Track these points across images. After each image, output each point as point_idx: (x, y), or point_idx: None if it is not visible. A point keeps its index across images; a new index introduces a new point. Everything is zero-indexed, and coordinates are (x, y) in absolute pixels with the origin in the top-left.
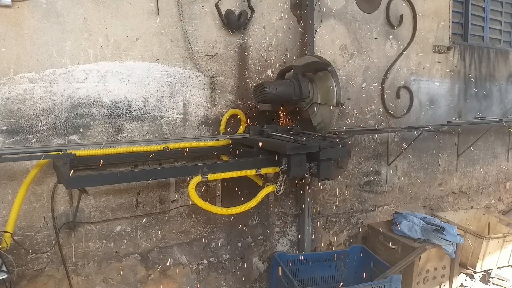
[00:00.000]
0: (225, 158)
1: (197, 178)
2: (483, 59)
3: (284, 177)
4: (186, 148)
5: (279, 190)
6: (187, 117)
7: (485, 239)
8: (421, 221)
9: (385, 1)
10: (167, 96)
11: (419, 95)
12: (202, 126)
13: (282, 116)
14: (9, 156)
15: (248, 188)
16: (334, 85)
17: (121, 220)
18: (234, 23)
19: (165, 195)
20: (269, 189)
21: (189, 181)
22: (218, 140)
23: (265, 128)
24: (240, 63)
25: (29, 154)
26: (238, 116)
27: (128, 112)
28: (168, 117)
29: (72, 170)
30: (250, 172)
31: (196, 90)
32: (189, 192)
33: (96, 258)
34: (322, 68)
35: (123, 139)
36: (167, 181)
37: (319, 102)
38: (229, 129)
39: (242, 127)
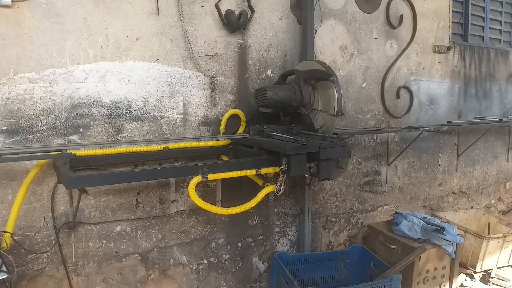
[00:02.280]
0: (225, 158)
1: (197, 178)
2: (483, 59)
3: (284, 177)
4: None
5: (279, 190)
6: (187, 117)
7: (485, 239)
8: (421, 221)
9: (385, 1)
10: (167, 96)
11: (419, 95)
12: (202, 126)
13: (282, 117)
14: (9, 156)
15: (248, 188)
16: (336, 95)
17: (121, 220)
18: (234, 23)
19: (165, 195)
20: (269, 189)
21: (189, 181)
22: (218, 140)
23: (265, 128)
24: (240, 63)
25: (29, 154)
26: (238, 116)
27: (128, 112)
28: (168, 117)
29: (72, 170)
30: (250, 172)
31: (196, 90)
32: (189, 192)
33: (96, 258)
34: (324, 78)
35: (123, 139)
36: (167, 181)
37: (319, 109)
38: (228, 129)
39: (242, 127)
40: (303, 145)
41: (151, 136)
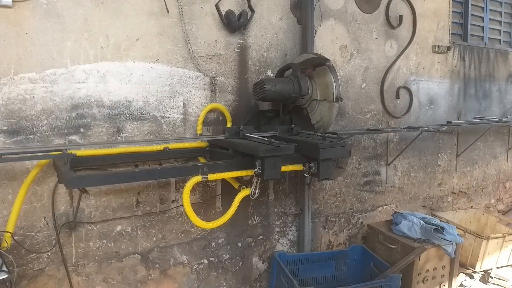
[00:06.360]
0: (202, 160)
1: (197, 178)
2: (483, 59)
3: (259, 180)
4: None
5: (254, 194)
6: (188, 117)
7: (484, 239)
8: (421, 221)
9: (385, 1)
10: (167, 96)
11: (418, 95)
12: (202, 126)
13: (282, 115)
14: (10, 156)
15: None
16: (333, 80)
17: (122, 220)
18: (234, 23)
19: (165, 195)
20: (244, 193)
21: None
22: (195, 141)
23: (242, 130)
24: (240, 63)
25: (29, 154)
26: (223, 114)
27: (128, 112)
28: (169, 117)
29: (73, 170)
30: (249, 172)
31: (196, 90)
32: (183, 195)
33: (96, 258)
34: (320, 63)
35: (123, 139)
36: (167, 181)
37: (318, 98)
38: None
39: (229, 124)
40: (278, 147)
41: (152, 136)
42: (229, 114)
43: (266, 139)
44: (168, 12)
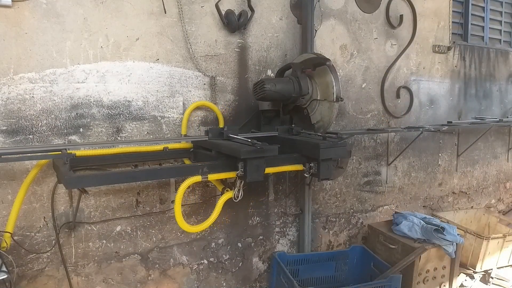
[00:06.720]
0: (187, 161)
1: (197, 178)
2: (483, 59)
3: (242, 182)
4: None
5: (237, 196)
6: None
7: (485, 239)
8: (421, 221)
9: (385, 1)
10: (167, 96)
11: (419, 95)
12: (202, 126)
13: (282, 115)
14: (9, 156)
15: (248, 187)
16: (333, 80)
17: (121, 220)
18: (234, 23)
19: (165, 195)
20: (227, 195)
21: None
22: (180, 142)
23: (225, 130)
24: (240, 63)
25: (29, 154)
26: (215, 113)
27: (128, 112)
28: (168, 117)
29: (72, 170)
30: (231, 175)
31: (196, 90)
32: (176, 197)
33: (96, 258)
34: (320, 63)
35: (123, 139)
36: (167, 181)
37: (318, 98)
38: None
39: (221, 123)
40: (260, 149)
41: (151, 136)
42: (220, 112)
43: (249, 140)
44: (166, 12)
